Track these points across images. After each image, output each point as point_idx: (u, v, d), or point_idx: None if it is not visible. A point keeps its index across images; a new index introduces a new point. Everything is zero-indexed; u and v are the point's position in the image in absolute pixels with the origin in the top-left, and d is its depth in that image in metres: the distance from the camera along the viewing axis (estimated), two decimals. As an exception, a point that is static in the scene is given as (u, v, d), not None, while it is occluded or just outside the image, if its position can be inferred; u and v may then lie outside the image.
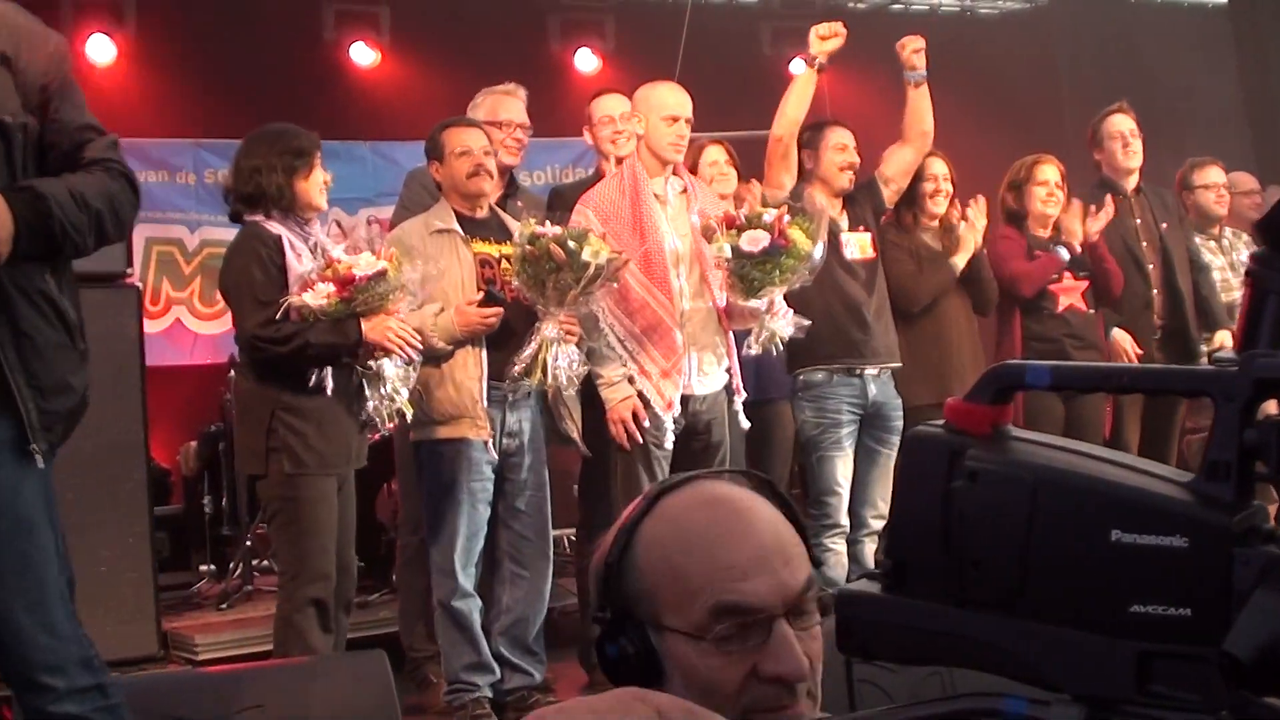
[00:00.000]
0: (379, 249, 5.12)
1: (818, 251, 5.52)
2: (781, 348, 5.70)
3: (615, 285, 5.41)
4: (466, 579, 5.45)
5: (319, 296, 4.88)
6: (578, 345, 5.41)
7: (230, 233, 9.96)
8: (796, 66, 10.80)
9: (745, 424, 5.80)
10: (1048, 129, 9.53)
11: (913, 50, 6.44)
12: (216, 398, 8.14)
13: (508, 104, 6.15)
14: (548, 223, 5.30)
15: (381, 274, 4.93)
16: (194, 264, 9.98)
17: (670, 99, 5.81)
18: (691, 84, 6.06)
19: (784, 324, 5.58)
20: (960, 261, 6.51)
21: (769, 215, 5.46)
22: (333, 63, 10.08)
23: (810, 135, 6.43)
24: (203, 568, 8.02)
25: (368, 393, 5.09)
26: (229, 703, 3.47)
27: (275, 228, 5.09)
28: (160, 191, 9.63)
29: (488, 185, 5.55)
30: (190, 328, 9.94)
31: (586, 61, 10.67)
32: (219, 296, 9.89)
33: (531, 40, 10.32)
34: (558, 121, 8.50)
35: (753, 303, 5.46)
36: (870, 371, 6.29)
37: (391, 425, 5.23)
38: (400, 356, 5.09)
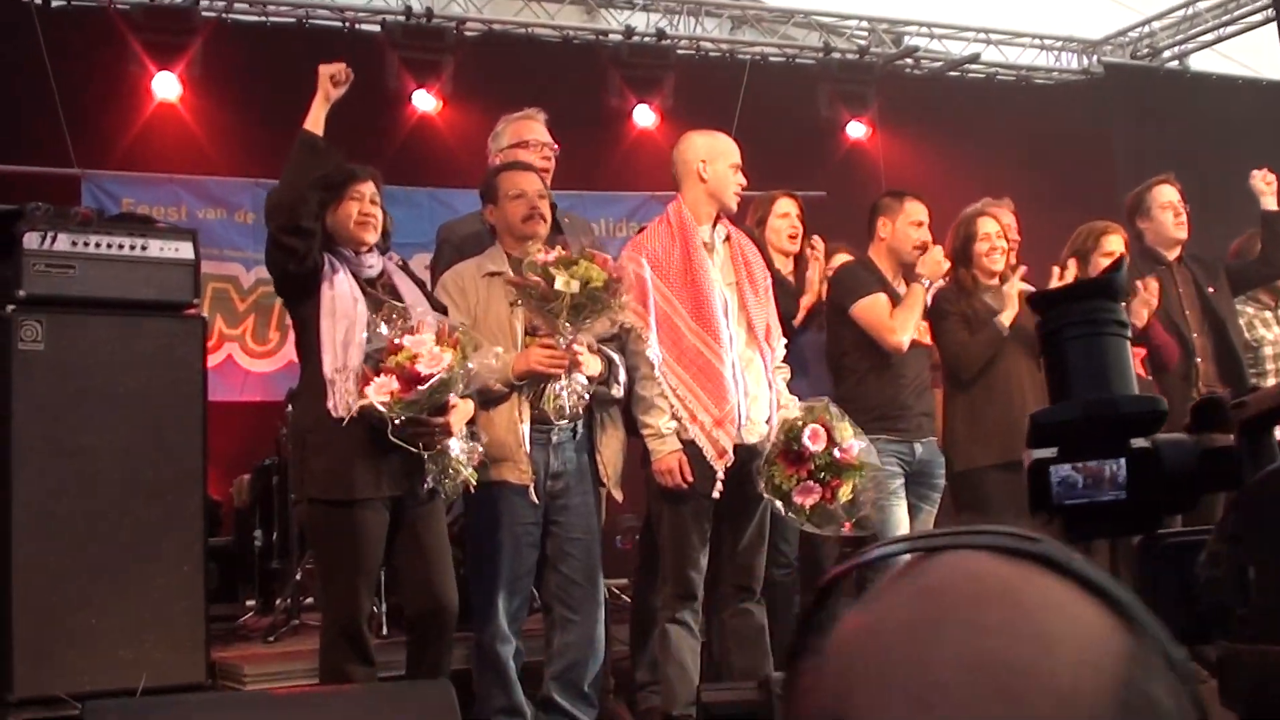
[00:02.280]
0: (439, 326, 5.00)
1: (847, 513, 5.59)
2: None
3: (618, 316, 5.38)
4: (507, 622, 5.46)
5: (381, 392, 4.80)
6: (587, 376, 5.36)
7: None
8: (854, 129, 10.95)
9: None
10: (1100, 198, 9.56)
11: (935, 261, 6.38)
12: (271, 432, 8.21)
13: (530, 125, 6.18)
14: (556, 249, 5.25)
15: (448, 370, 4.82)
16: (248, 302, 10.08)
17: (733, 147, 5.85)
18: (747, 142, 6.07)
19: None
20: (1006, 319, 6.49)
21: (836, 452, 5.55)
22: (395, 109, 10.21)
23: (888, 203, 6.50)
24: (249, 602, 8.07)
25: (426, 467, 5.01)
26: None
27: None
28: (218, 229, 9.75)
29: (541, 229, 5.53)
30: (242, 365, 10.03)
31: (645, 117, 10.75)
32: (271, 335, 10.15)
33: (591, 93, 10.42)
34: (613, 175, 8.61)
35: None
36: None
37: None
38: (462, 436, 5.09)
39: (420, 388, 4.81)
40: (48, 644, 5.66)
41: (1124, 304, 1.53)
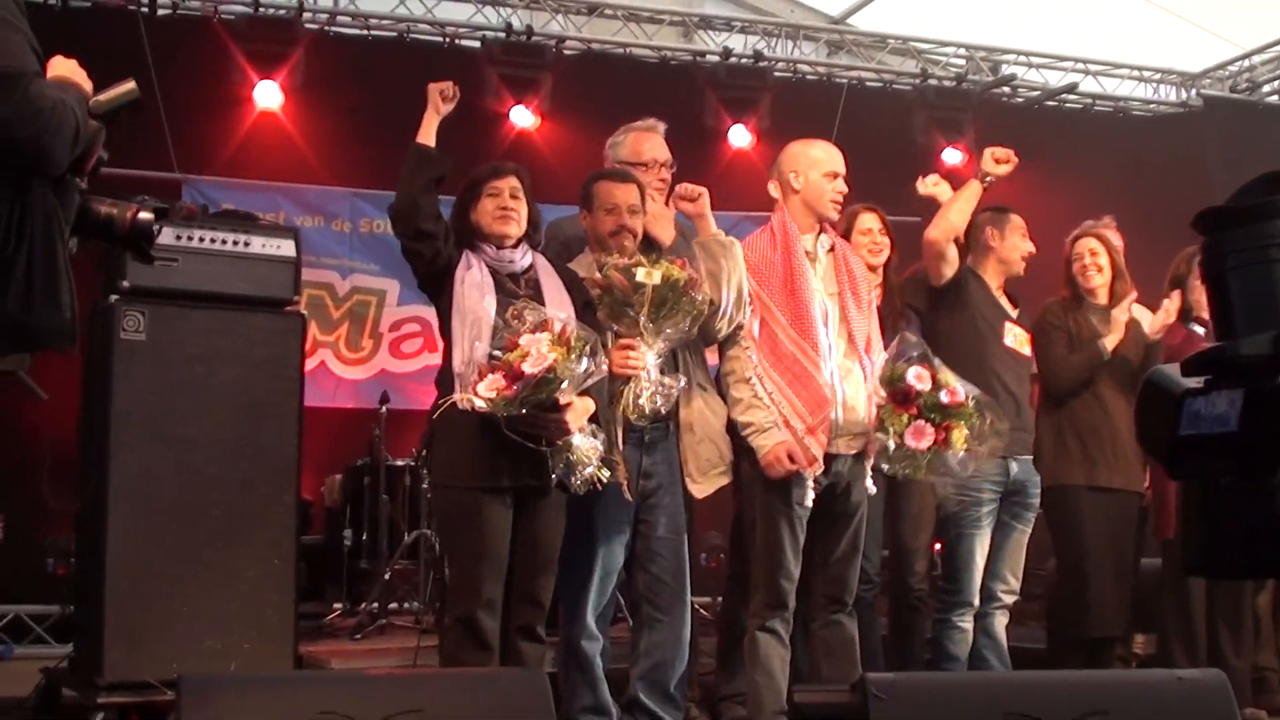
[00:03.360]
0: (555, 325, 5.00)
1: (959, 461, 5.52)
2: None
3: (697, 314, 5.30)
4: (594, 620, 5.46)
5: (489, 389, 4.88)
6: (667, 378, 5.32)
7: (379, 281, 10.28)
8: (950, 156, 10.92)
9: (872, 489, 5.72)
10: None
11: (998, 160, 6.29)
12: (365, 433, 8.28)
13: (650, 141, 6.10)
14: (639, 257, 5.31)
15: (550, 370, 4.84)
16: (343, 309, 10.20)
17: (828, 155, 5.82)
18: (844, 156, 5.99)
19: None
20: (1109, 343, 6.46)
21: (944, 395, 5.49)
22: (493, 124, 10.29)
23: (993, 215, 6.54)
24: (336, 605, 8.13)
25: (550, 463, 5.07)
26: (388, 704, 3.57)
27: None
28: (316, 236, 9.88)
29: (628, 243, 5.49)
30: (335, 371, 10.14)
31: (740, 138, 10.77)
32: (364, 343, 10.25)
33: (688, 112, 10.43)
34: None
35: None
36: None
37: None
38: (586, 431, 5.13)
39: (519, 385, 4.86)
40: (139, 629, 5.71)
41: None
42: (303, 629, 7.00)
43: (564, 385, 4.92)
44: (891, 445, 5.45)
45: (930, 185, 6.57)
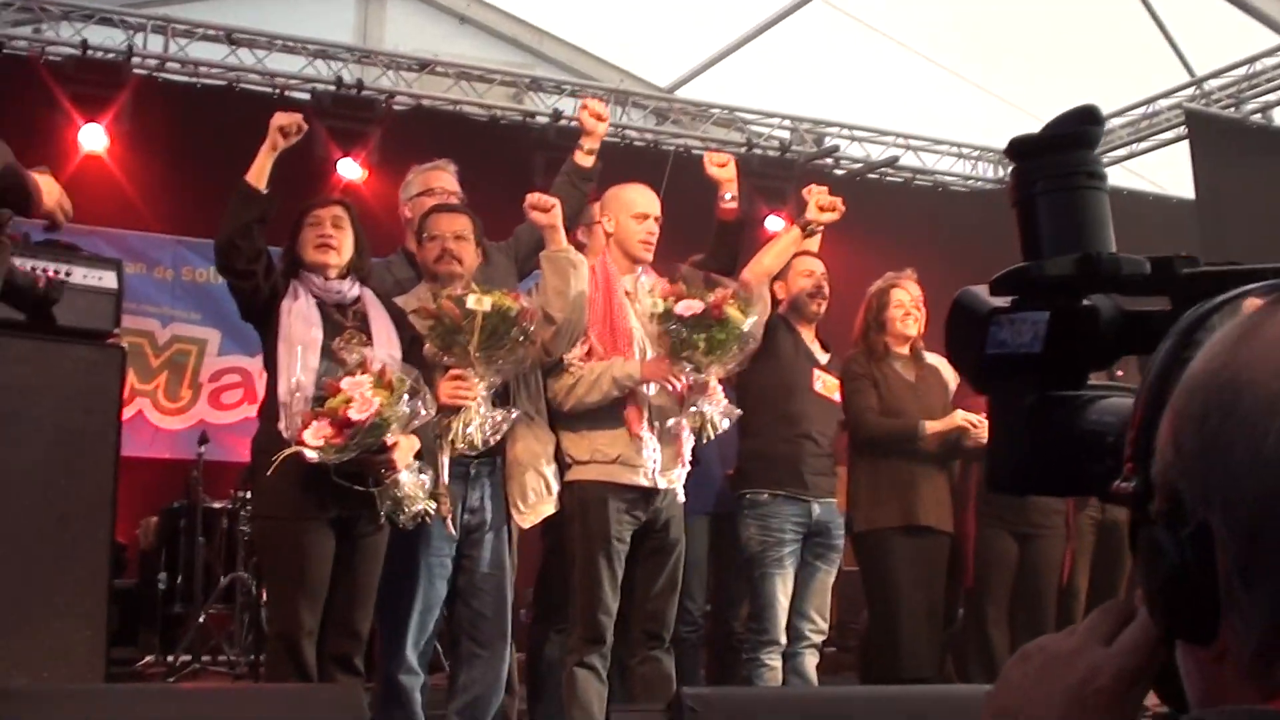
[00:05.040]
0: (375, 365, 5.06)
1: (748, 326, 5.60)
2: (714, 434, 5.74)
3: (530, 345, 5.40)
4: (414, 655, 5.43)
5: (317, 437, 4.89)
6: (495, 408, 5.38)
7: (200, 331, 10.16)
8: (772, 223, 11.09)
9: (681, 497, 5.79)
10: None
11: (821, 207, 6.33)
12: (181, 481, 8.16)
13: (439, 175, 6.23)
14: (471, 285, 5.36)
15: (376, 415, 4.89)
16: (162, 358, 10.08)
17: (637, 197, 5.94)
18: (669, 229, 6.12)
19: (717, 410, 5.66)
20: (930, 427, 6.57)
21: (711, 296, 5.59)
22: (319, 176, 10.23)
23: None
24: (149, 657, 7.97)
25: (379, 500, 5.07)
26: (202, 717, 3.53)
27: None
28: (137, 284, 9.73)
29: (454, 268, 5.53)
30: (152, 420, 10.00)
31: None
32: (183, 393, 10.11)
33: (517, 172, 10.33)
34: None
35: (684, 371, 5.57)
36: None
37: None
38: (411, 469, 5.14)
39: (348, 432, 4.88)
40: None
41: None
42: (114, 675, 6.86)
43: (392, 427, 4.96)
44: (661, 306, 5.52)
45: (715, 165, 6.44)
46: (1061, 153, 1.43)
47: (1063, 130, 1.44)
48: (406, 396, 5.01)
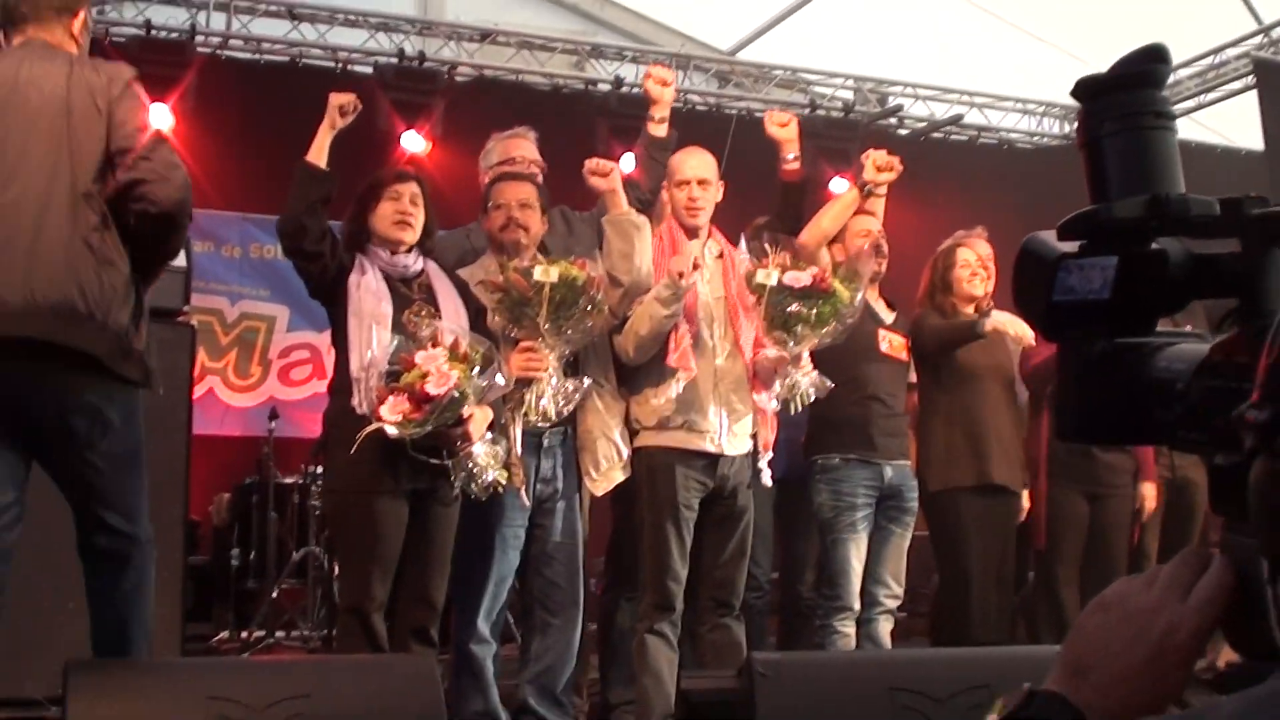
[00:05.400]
0: (447, 338, 5.06)
1: (857, 300, 5.61)
2: (802, 406, 5.70)
3: (599, 314, 5.39)
4: (487, 625, 5.46)
5: (394, 412, 4.89)
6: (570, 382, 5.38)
7: (269, 308, 10.21)
8: (837, 185, 11.00)
9: (768, 480, 5.79)
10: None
11: (879, 167, 6.35)
12: (253, 459, 8.20)
13: (519, 143, 6.23)
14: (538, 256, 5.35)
15: (455, 388, 4.89)
16: (232, 335, 10.15)
17: (679, 164, 5.91)
18: (732, 194, 6.13)
19: (808, 381, 5.62)
20: (988, 324, 6.38)
21: (813, 270, 5.58)
22: (384, 149, 10.25)
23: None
24: (223, 633, 8.03)
25: (451, 475, 5.08)
26: (277, 689, 3.55)
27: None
28: (205, 262, 9.81)
29: (520, 236, 5.52)
30: (222, 398, 10.08)
31: (630, 164, 10.77)
32: (253, 370, 10.18)
33: (580, 140, 10.31)
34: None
35: (779, 351, 5.55)
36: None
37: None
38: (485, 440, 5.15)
39: (427, 407, 4.88)
40: (22, 647, 5.61)
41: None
42: (189, 650, 6.92)
43: (469, 399, 4.97)
44: (775, 276, 5.48)
45: (776, 125, 6.44)
46: (1128, 92, 1.40)
47: (1129, 69, 1.41)
48: (480, 368, 5.02)
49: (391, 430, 4.89)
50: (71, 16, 4.50)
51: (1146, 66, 1.41)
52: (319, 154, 5.23)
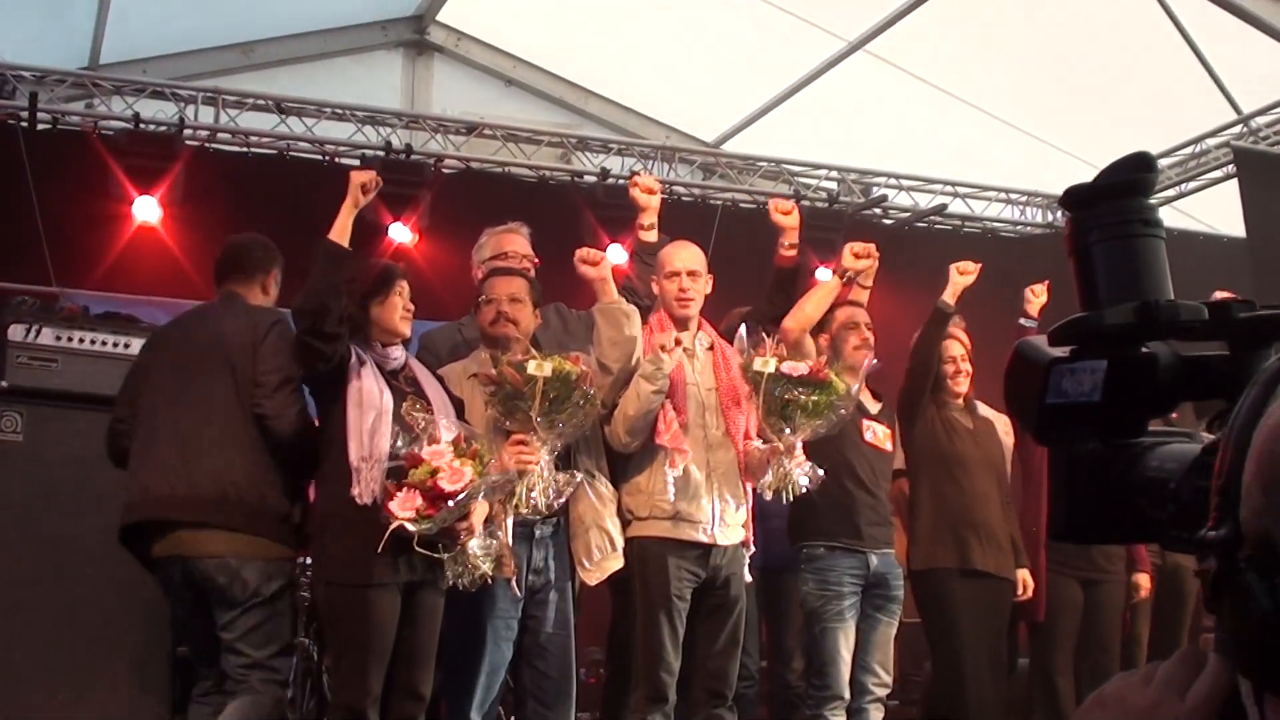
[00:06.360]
0: (447, 433, 5.09)
1: (852, 391, 5.66)
2: (794, 496, 5.69)
3: (593, 408, 5.43)
4: (479, 716, 5.44)
5: (406, 509, 4.92)
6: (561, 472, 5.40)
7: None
8: (822, 274, 11.06)
9: (748, 577, 5.87)
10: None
11: (856, 254, 6.47)
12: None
13: (512, 239, 6.28)
14: (531, 351, 5.38)
15: (470, 484, 4.94)
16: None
17: (669, 255, 6.00)
18: (719, 283, 6.22)
19: (800, 471, 5.64)
20: (949, 296, 6.67)
21: (809, 360, 5.65)
22: (371, 240, 10.27)
23: (824, 317, 6.55)
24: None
25: (446, 567, 5.11)
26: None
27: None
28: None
29: (509, 330, 5.56)
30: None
31: (619, 255, 10.84)
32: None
33: (567, 231, 10.38)
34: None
35: (772, 443, 5.57)
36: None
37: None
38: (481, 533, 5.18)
39: (449, 505, 4.92)
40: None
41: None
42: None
43: (479, 496, 4.99)
44: (771, 364, 5.54)
45: (779, 212, 6.49)
46: (1116, 201, 1.44)
47: (1117, 178, 1.44)
48: (491, 476, 5.06)
49: (410, 527, 4.90)
50: (265, 275, 5.69)
51: (1133, 175, 1.45)
52: (342, 234, 5.28)
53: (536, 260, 6.24)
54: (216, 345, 5.33)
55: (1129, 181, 1.44)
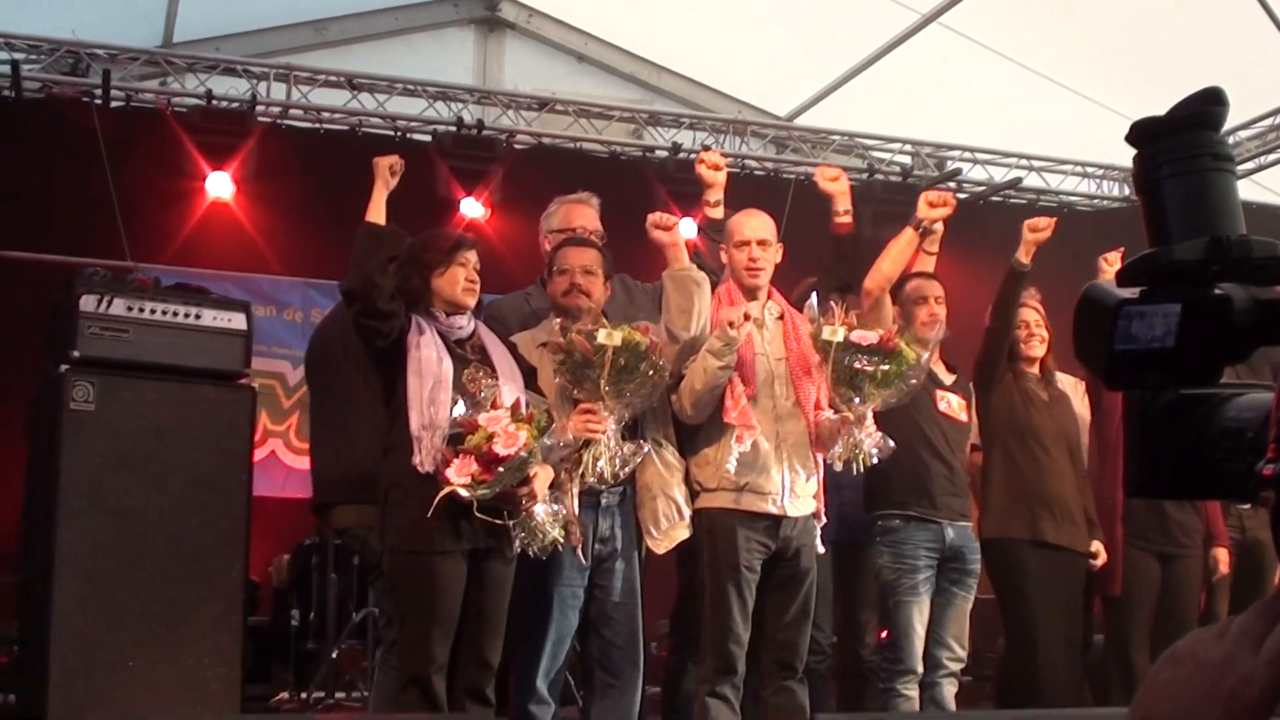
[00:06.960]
0: (507, 399, 5.11)
1: (922, 361, 5.59)
2: (864, 467, 5.62)
3: (661, 378, 5.39)
4: (545, 685, 5.44)
5: (461, 474, 4.93)
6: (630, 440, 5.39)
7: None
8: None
9: (821, 549, 5.81)
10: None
11: (931, 204, 6.35)
12: (313, 520, 8.21)
13: (581, 212, 6.24)
14: (602, 320, 5.38)
15: (524, 449, 4.93)
16: (293, 399, 10.20)
17: (736, 225, 5.92)
18: (792, 256, 6.17)
19: (870, 442, 5.57)
20: (1022, 255, 6.58)
21: (879, 330, 5.60)
22: (443, 215, 10.30)
23: (893, 290, 6.47)
24: (283, 694, 8.03)
25: (513, 534, 5.11)
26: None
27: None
28: (267, 326, 9.89)
29: (581, 302, 5.56)
30: (285, 461, 10.12)
31: (691, 230, 10.80)
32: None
33: (639, 205, 10.24)
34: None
35: (842, 413, 5.53)
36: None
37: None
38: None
39: (500, 469, 4.92)
40: (83, 703, 5.66)
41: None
42: (248, 710, 6.92)
43: (537, 459, 4.99)
44: (840, 333, 5.48)
45: (826, 179, 6.41)
46: (1185, 134, 1.38)
47: (1186, 111, 1.40)
48: (544, 428, 5.05)
49: (464, 493, 4.91)
50: None
51: (1203, 108, 1.40)
52: (378, 214, 5.34)
53: (604, 234, 6.18)
54: None
55: (1198, 114, 1.39)
